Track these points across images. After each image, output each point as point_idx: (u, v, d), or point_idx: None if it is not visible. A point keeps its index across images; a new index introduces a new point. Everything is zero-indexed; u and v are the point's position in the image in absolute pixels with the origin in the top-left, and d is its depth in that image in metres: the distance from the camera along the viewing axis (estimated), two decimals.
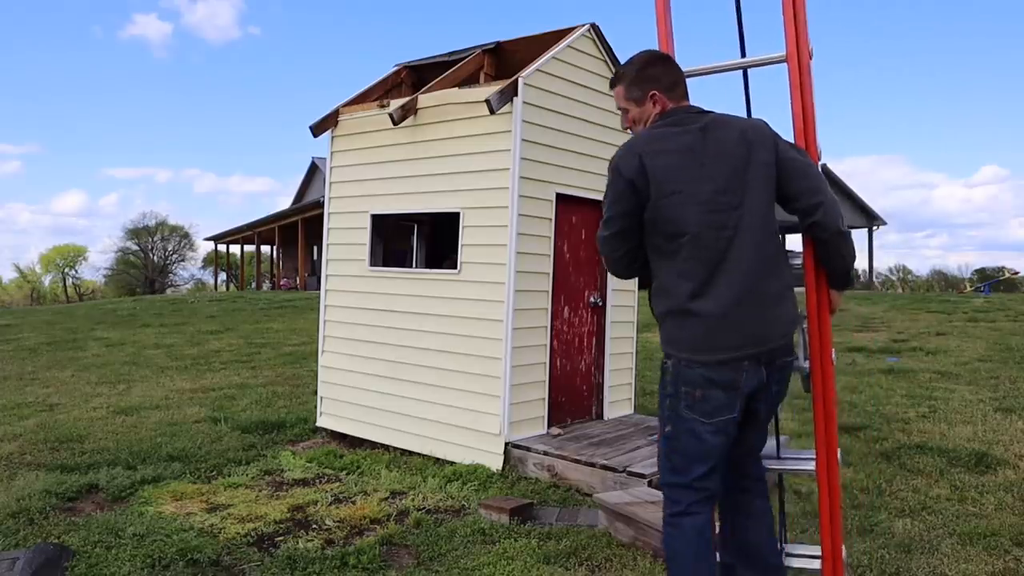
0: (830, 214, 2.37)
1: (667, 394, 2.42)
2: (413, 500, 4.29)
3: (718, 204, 2.31)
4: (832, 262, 2.47)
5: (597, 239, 2.55)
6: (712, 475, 2.41)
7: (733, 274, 2.30)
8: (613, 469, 4.36)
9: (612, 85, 2.59)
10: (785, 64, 2.61)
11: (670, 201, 2.33)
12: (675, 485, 2.43)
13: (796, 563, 2.73)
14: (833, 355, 2.57)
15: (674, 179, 2.33)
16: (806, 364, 2.56)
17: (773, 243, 2.39)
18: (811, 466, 2.62)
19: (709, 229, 2.31)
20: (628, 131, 2.59)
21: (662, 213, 2.35)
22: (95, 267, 54.01)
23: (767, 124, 2.44)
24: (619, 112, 2.59)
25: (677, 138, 2.37)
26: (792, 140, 2.55)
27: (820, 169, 2.49)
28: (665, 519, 2.47)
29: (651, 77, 2.47)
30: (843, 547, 2.63)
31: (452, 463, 4.92)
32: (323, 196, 6.43)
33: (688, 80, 2.57)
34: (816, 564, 2.62)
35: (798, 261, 2.57)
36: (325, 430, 5.88)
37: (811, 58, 2.60)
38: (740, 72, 2.81)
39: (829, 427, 2.57)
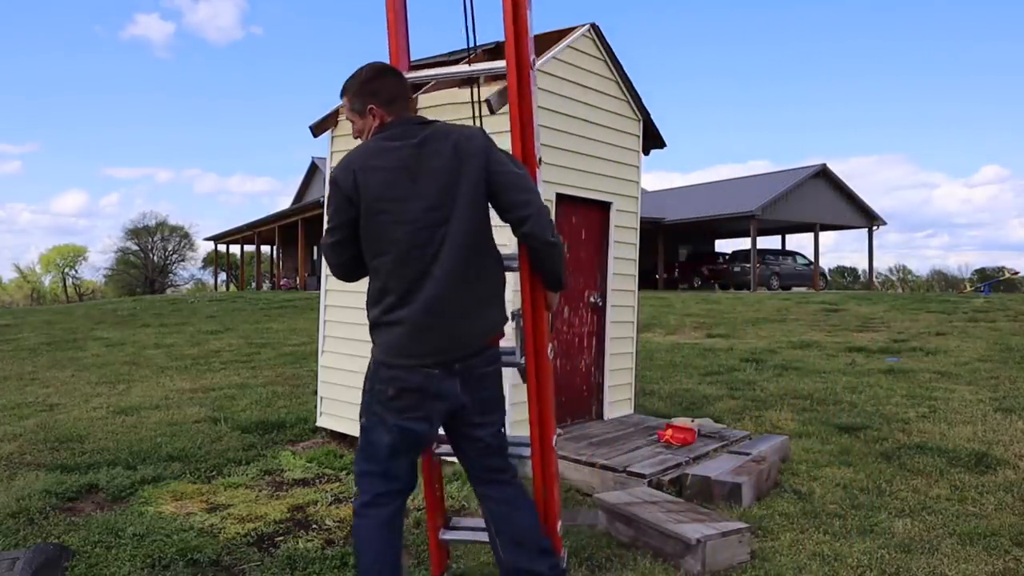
0: (539, 225, 2.45)
1: (366, 390, 2.53)
2: (413, 500, 4.29)
3: (426, 221, 2.40)
4: (543, 267, 2.58)
5: (320, 246, 2.63)
6: (403, 468, 2.52)
7: (430, 287, 2.40)
8: (613, 469, 4.36)
9: (341, 96, 2.64)
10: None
11: (377, 220, 2.41)
12: (366, 474, 2.54)
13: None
14: (549, 350, 2.70)
15: (384, 197, 2.40)
16: (522, 360, 2.70)
17: (482, 255, 2.48)
18: (526, 452, 2.75)
19: (414, 248, 2.40)
20: (358, 139, 2.64)
21: (370, 231, 2.43)
22: (95, 267, 54.29)
23: (483, 133, 2.53)
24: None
25: (393, 153, 2.44)
26: (511, 148, 2.64)
27: (533, 178, 2.59)
28: (355, 510, 2.56)
29: (371, 91, 2.52)
30: (559, 523, 2.76)
31: (452, 463, 4.91)
32: (323, 196, 6.42)
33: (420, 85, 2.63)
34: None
35: (516, 263, 2.65)
36: (325, 430, 5.88)
37: (532, 68, 2.69)
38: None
39: (544, 416, 2.70)
